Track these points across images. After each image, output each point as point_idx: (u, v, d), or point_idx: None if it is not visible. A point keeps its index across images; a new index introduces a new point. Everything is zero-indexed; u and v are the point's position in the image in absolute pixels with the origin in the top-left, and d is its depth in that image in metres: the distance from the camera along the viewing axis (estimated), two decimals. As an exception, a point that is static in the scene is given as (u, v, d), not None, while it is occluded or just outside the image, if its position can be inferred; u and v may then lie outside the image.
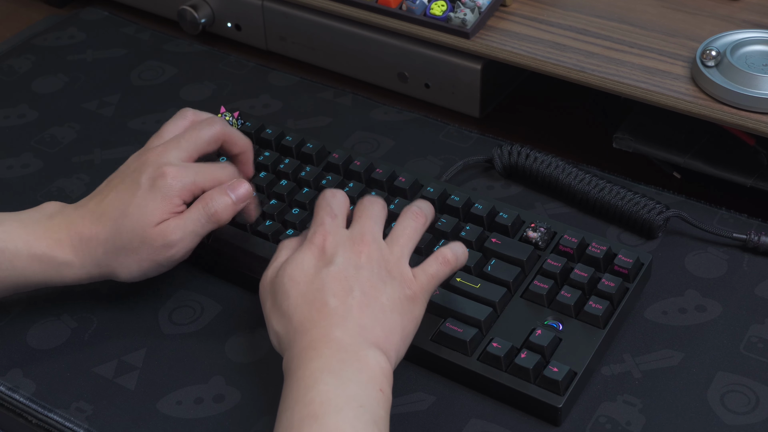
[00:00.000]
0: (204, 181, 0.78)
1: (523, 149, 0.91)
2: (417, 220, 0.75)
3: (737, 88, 0.85)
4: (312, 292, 0.70)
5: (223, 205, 0.78)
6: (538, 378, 0.73)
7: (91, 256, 0.77)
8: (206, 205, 0.77)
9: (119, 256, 0.77)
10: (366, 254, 0.72)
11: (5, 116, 1.02)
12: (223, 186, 0.79)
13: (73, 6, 1.22)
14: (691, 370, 0.76)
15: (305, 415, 0.64)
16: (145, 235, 0.76)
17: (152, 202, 0.76)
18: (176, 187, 0.77)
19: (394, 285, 0.71)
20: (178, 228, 0.77)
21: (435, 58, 0.99)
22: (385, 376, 0.67)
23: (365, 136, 0.98)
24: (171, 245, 0.77)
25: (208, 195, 0.78)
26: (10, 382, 0.77)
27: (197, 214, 0.77)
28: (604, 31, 0.95)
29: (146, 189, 0.77)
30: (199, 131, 0.81)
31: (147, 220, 0.76)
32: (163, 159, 0.78)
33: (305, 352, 0.67)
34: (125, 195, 0.77)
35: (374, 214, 0.75)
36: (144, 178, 0.77)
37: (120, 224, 0.76)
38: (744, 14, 0.96)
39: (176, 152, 0.79)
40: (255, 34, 1.11)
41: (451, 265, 0.75)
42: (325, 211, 0.75)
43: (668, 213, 0.85)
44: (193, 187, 0.78)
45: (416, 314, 0.72)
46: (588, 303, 0.77)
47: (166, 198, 0.76)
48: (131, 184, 0.77)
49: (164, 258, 0.77)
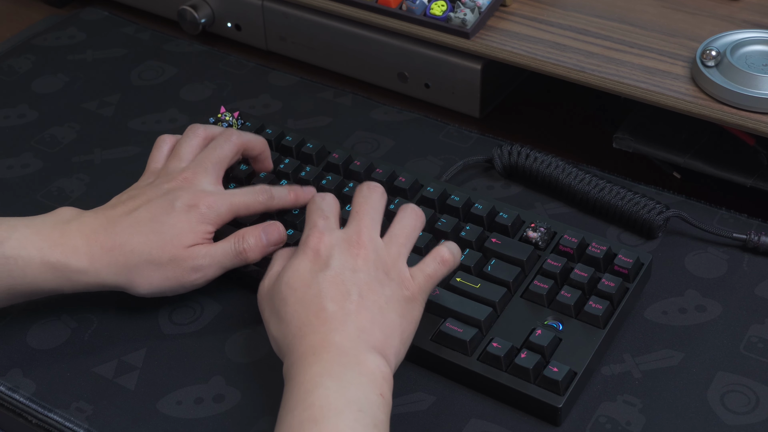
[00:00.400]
0: (238, 209, 0.80)
1: (523, 149, 0.91)
2: (416, 219, 0.75)
3: (737, 88, 0.85)
4: (309, 297, 0.70)
5: (254, 245, 0.79)
6: (538, 378, 0.73)
7: (111, 265, 0.77)
8: (238, 241, 0.79)
9: (143, 269, 0.77)
10: (362, 256, 0.72)
11: (5, 116, 1.02)
12: (259, 226, 0.80)
13: (73, 6, 1.22)
14: (691, 370, 0.76)
15: (305, 419, 0.64)
16: (177, 254, 0.77)
17: (187, 226, 0.77)
18: (211, 217, 0.78)
19: (392, 286, 0.71)
20: (208, 255, 0.78)
21: (435, 58, 0.99)
22: (385, 380, 0.67)
23: (365, 136, 0.98)
24: (198, 269, 0.77)
25: (242, 232, 0.79)
26: (10, 382, 0.77)
27: (228, 248, 0.78)
28: (604, 31, 0.95)
29: (181, 213, 0.77)
30: (221, 150, 0.82)
31: (179, 241, 0.77)
32: (197, 186, 0.80)
33: (305, 357, 0.67)
34: (159, 213, 0.77)
35: (372, 206, 0.75)
36: (179, 203, 0.78)
37: (152, 239, 0.76)
38: (744, 14, 0.96)
39: (206, 177, 0.80)
40: (255, 34, 1.11)
41: (449, 265, 0.75)
42: (317, 214, 0.75)
43: (668, 213, 0.85)
44: (227, 216, 0.80)
45: (415, 315, 0.72)
46: (588, 303, 0.77)
47: (200, 224, 0.78)
48: (165, 206, 0.78)
49: (189, 281, 0.78)
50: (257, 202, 0.81)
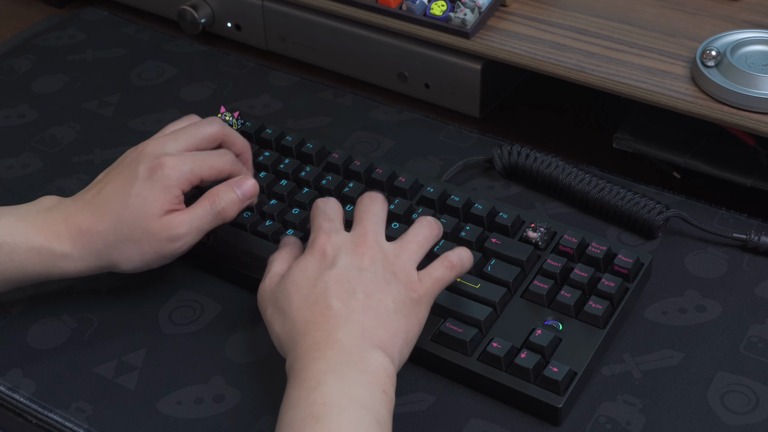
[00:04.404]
0: (202, 169, 0.78)
1: (523, 149, 0.91)
2: (432, 229, 0.76)
3: (737, 88, 0.85)
4: (315, 295, 0.70)
5: (230, 202, 0.78)
6: (538, 378, 0.73)
7: (91, 247, 0.77)
8: (213, 201, 0.78)
9: (120, 246, 0.76)
10: (369, 256, 0.72)
11: (5, 116, 1.02)
12: (230, 182, 0.79)
13: (73, 6, 1.22)
14: (691, 370, 0.76)
15: (307, 415, 0.64)
16: (149, 226, 0.76)
17: (151, 193, 0.76)
18: (174, 177, 0.77)
19: (399, 287, 0.71)
20: (184, 223, 0.77)
21: (435, 58, 0.99)
22: (388, 378, 0.67)
23: (365, 136, 0.98)
24: (176, 239, 0.77)
25: (215, 191, 0.78)
26: (10, 382, 0.77)
27: (204, 210, 0.77)
28: (604, 31, 0.95)
29: (144, 179, 0.77)
30: (198, 127, 0.81)
31: (148, 211, 0.76)
32: (160, 150, 0.78)
33: (308, 354, 0.67)
34: (123, 186, 0.77)
35: (375, 213, 0.75)
36: (141, 168, 0.77)
37: (120, 215, 0.76)
38: (744, 14, 0.96)
39: (173, 144, 0.79)
40: (255, 34, 1.11)
41: (456, 270, 0.75)
42: (321, 217, 0.75)
43: (668, 213, 0.85)
44: (191, 176, 0.78)
45: (420, 317, 0.72)
46: (588, 303, 0.77)
47: (164, 188, 0.76)
48: (129, 175, 0.77)
49: (169, 251, 0.77)
50: (222, 161, 0.80)
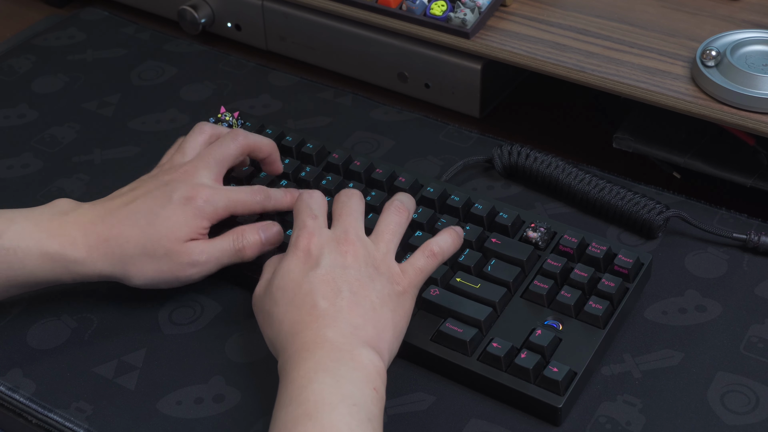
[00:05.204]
0: (235, 207, 0.80)
1: (523, 149, 0.91)
2: (400, 214, 0.76)
3: (737, 88, 0.85)
4: (301, 296, 0.70)
5: (252, 243, 0.79)
6: (538, 378, 0.73)
7: (108, 256, 0.77)
8: (237, 239, 0.79)
9: (138, 260, 0.77)
10: (352, 253, 0.72)
11: (5, 116, 1.02)
12: (258, 225, 0.80)
13: (73, 6, 1.22)
14: (691, 370, 0.76)
15: (299, 413, 0.64)
16: (172, 247, 0.77)
17: (183, 218, 0.77)
18: (207, 211, 0.78)
19: (382, 281, 0.72)
20: (205, 252, 0.78)
21: (435, 58, 0.99)
22: (378, 375, 0.68)
23: (365, 136, 0.98)
24: (195, 265, 0.78)
25: (241, 230, 0.79)
26: (10, 382, 0.77)
27: (226, 245, 0.78)
28: (604, 31, 0.95)
29: (177, 205, 0.77)
30: (226, 148, 0.82)
31: (174, 234, 0.77)
32: (196, 179, 0.79)
33: (299, 354, 0.68)
34: (155, 205, 0.77)
35: (353, 209, 0.76)
36: (176, 195, 0.78)
37: (145, 231, 0.77)
38: (744, 14, 0.96)
39: (206, 172, 0.80)
40: (255, 34, 1.11)
41: (438, 258, 0.75)
42: (306, 213, 0.75)
43: (668, 213, 0.85)
44: (223, 213, 0.79)
45: (407, 309, 0.73)
46: (588, 303, 0.77)
47: (196, 218, 0.78)
48: (162, 197, 0.78)
49: (185, 275, 0.78)
50: (254, 201, 0.81)
